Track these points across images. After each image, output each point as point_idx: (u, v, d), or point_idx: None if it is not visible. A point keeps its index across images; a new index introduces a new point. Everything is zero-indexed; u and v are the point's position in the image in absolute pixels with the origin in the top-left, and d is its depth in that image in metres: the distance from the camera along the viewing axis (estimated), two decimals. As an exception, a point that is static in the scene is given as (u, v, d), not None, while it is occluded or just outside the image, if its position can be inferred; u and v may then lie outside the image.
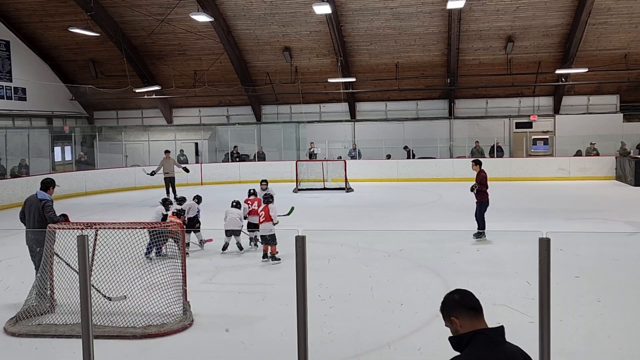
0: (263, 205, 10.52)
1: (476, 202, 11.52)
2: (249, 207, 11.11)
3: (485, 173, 11.53)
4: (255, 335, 6.67)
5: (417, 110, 27.54)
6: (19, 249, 9.12)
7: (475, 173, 11.63)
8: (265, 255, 10.12)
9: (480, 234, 11.34)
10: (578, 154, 24.22)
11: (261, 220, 10.26)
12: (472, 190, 11.50)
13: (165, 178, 19.12)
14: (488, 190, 11.51)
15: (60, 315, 7.17)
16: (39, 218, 7.94)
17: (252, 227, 10.96)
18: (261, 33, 24.30)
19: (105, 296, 7.39)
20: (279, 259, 9.92)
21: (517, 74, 24.88)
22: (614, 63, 24.10)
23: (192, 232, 11.32)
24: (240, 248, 10.98)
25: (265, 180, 12.74)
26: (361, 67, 25.83)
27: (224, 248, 10.84)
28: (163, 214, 11.16)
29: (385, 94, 27.08)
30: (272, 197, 10.89)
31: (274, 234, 10.02)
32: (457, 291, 2.74)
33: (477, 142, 24.74)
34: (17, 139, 24.34)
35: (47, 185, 8.24)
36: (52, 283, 7.45)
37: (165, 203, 11.47)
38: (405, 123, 27.21)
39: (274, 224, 10.12)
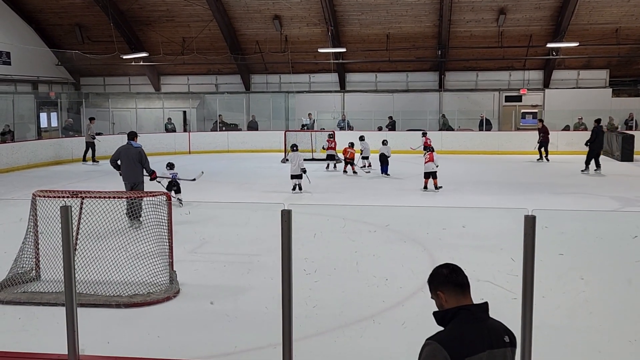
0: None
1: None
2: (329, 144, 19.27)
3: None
4: (239, 307, 6.70)
5: (407, 82, 27.39)
6: (4, 216, 9.06)
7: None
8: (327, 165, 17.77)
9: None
10: (566, 129, 24.30)
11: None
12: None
13: (88, 142, 20.71)
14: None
15: (47, 283, 7.15)
16: (136, 161, 10.36)
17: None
18: (251, 0, 23.92)
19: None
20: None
21: (508, 47, 24.73)
22: (605, 37, 24.00)
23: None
24: (300, 188, 14.23)
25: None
26: (352, 37, 25.55)
27: (293, 189, 14.21)
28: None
29: (376, 65, 26.88)
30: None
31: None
32: (446, 266, 2.74)
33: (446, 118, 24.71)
34: (2, 104, 23.97)
35: (134, 135, 10.71)
36: (38, 250, 7.42)
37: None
38: (395, 95, 27.10)
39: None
